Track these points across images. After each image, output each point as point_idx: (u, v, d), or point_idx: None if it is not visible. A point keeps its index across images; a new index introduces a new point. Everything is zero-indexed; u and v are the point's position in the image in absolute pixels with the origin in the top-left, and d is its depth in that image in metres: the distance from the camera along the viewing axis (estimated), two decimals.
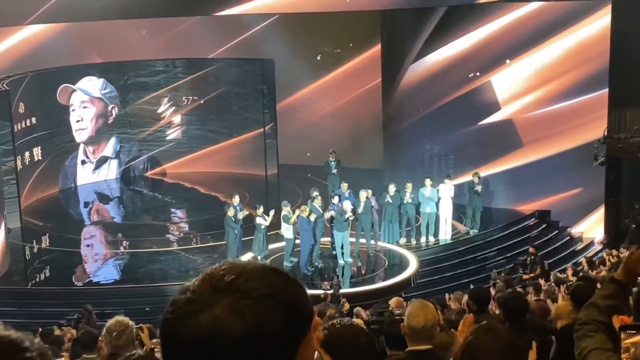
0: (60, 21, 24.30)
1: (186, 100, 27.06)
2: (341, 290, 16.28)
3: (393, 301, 11.33)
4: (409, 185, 20.06)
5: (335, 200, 19.24)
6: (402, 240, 20.36)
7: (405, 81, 23.76)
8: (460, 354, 3.28)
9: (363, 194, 19.24)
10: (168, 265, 19.79)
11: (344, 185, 19.90)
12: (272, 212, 18.96)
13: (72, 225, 23.05)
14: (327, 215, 19.09)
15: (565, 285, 12.39)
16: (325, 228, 19.48)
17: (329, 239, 19.60)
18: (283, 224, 18.78)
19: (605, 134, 21.23)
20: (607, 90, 21.26)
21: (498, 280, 14.48)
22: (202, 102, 26.93)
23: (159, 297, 17.35)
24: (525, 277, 17.56)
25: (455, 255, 20.16)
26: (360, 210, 19.06)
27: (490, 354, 3.05)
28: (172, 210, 24.91)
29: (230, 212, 18.83)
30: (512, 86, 22.30)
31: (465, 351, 3.26)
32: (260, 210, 18.88)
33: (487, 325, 3.54)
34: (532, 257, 18.05)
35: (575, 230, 22.23)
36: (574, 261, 19.80)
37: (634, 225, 20.49)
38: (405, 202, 19.98)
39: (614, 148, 21.23)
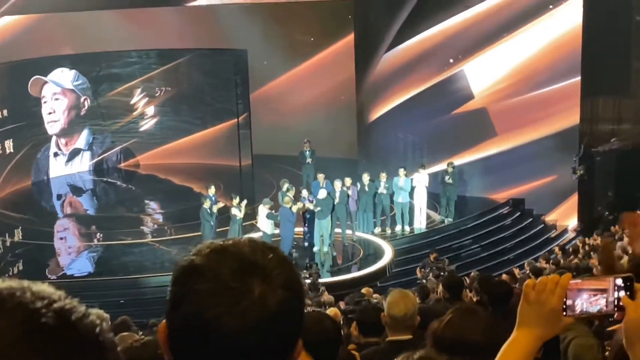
0: (31, 12, 24.05)
1: (159, 91, 26.88)
2: (320, 280, 16.28)
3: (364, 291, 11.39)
4: (383, 175, 20.06)
5: (305, 193, 19.23)
6: (377, 230, 20.38)
7: (379, 70, 23.72)
8: (440, 330, 3.26)
9: (338, 184, 19.22)
10: (142, 257, 19.66)
11: (321, 177, 19.70)
12: (244, 203, 18.93)
13: (45, 218, 22.85)
14: (300, 207, 19.00)
15: (542, 274, 12.42)
16: (298, 219, 19.42)
17: (301, 229, 19.56)
18: (261, 219, 18.69)
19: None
20: (579, 78, 21.37)
21: (424, 280, 14.76)
22: (175, 90, 26.74)
23: (133, 290, 17.30)
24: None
25: (431, 244, 20.13)
26: (335, 200, 19.04)
27: (472, 333, 3.06)
28: (146, 201, 24.76)
29: (207, 204, 18.73)
30: (485, 75, 22.35)
31: (446, 329, 3.24)
32: (236, 201, 18.82)
33: (468, 306, 3.56)
34: (439, 262, 16.81)
35: (549, 218, 22.34)
36: (547, 249, 19.88)
37: (607, 213, 20.62)
38: (379, 192, 19.98)
39: (590, 144, 21.50)
